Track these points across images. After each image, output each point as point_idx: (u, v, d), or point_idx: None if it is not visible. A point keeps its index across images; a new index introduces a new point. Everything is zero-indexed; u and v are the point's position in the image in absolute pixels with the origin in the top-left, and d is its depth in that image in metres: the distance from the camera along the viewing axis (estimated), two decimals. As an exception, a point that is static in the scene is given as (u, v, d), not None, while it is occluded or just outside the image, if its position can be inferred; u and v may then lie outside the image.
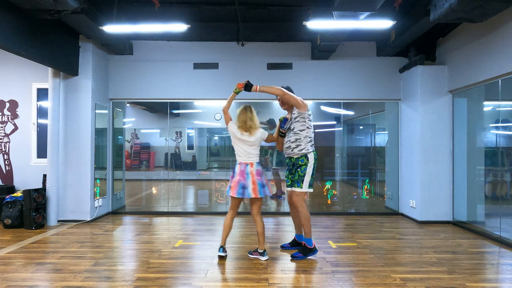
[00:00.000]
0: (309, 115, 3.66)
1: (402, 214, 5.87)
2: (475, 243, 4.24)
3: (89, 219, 5.28)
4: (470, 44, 4.76)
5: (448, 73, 5.31)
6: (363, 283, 2.98)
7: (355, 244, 4.15)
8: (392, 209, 6.04)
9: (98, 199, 5.54)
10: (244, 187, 3.47)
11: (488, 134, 4.94)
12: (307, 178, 3.55)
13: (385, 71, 5.93)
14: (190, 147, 7.62)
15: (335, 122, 6.58)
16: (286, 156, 3.75)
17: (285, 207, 6.20)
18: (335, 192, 6.26)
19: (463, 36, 4.93)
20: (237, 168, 3.55)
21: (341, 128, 6.30)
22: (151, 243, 4.19)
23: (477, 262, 3.56)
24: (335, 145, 6.66)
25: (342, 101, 6.07)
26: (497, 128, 4.65)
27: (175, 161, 7.28)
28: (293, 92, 3.71)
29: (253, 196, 3.46)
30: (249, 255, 3.64)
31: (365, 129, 7.13)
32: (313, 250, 3.60)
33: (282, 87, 3.67)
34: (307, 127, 3.60)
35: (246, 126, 3.54)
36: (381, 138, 6.80)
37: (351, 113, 6.50)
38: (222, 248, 3.59)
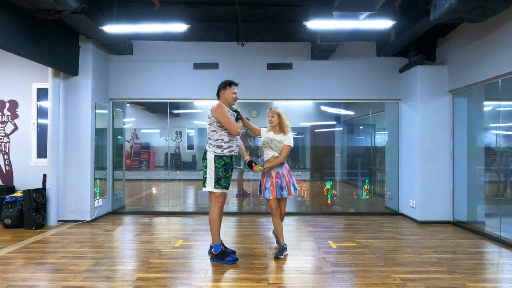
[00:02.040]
0: None
1: (402, 214, 5.87)
2: (475, 243, 4.24)
3: (89, 219, 5.28)
4: (470, 44, 4.76)
5: (448, 73, 5.31)
6: (363, 283, 2.98)
7: (355, 244, 4.15)
8: (392, 209, 6.04)
9: (98, 199, 5.54)
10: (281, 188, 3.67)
11: (488, 134, 4.94)
12: None
13: (385, 71, 5.94)
14: (190, 147, 7.62)
15: (335, 122, 6.58)
16: (233, 155, 3.56)
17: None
18: (335, 192, 6.26)
19: (463, 36, 4.93)
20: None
21: (341, 128, 6.30)
22: (151, 243, 4.19)
23: (477, 262, 3.56)
24: (335, 145, 6.67)
25: (342, 101, 6.08)
26: (497, 128, 4.65)
27: (175, 161, 7.28)
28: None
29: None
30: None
31: (365, 129, 7.13)
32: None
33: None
34: None
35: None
36: (381, 138, 6.80)
37: (351, 113, 6.50)
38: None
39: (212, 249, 3.54)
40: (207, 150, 3.50)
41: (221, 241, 3.57)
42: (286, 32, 5.81)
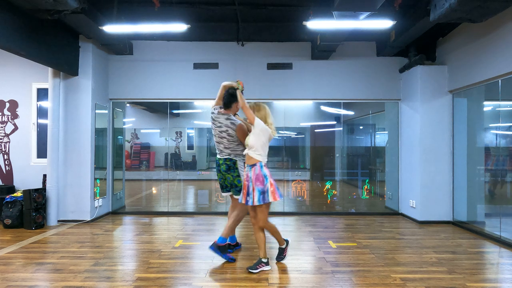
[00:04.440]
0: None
1: (402, 214, 5.87)
2: (475, 243, 4.24)
3: (89, 219, 5.28)
4: (470, 44, 4.76)
5: (448, 73, 5.31)
6: (363, 283, 2.98)
7: (355, 244, 4.15)
8: (392, 209, 6.04)
9: (98, 199, 5.54)
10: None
11: (488, 134, 4.94)
12: None
13: (385, 71, 5.93)
14: (190, 147, 7.62)
15: (335, 122, 6.58)
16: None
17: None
18: (335, 192, 6.26)
19: (463, 36, 4.93)
20: (267, 171, 3.23)
21: (341, 128, 6.30)
22: (151, 243, 4.19)
23: (477, 262, 3.56)
24: (335, 145, 6.67)
25: (342, 101, 6.07)
26: (497, 128, 4.65)
27: (175, 161, 7.28)
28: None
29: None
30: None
31: (365, 129, 7.13)
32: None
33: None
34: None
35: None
36: (381, 138, 6.80)
37: (351, 113, 6.50)
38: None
39: (216, 240, 3.49)
40: (235, 160, 3.54)
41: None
42: (286, 32, 5.81)
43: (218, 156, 3.65)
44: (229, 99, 3.52)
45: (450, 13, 3.69)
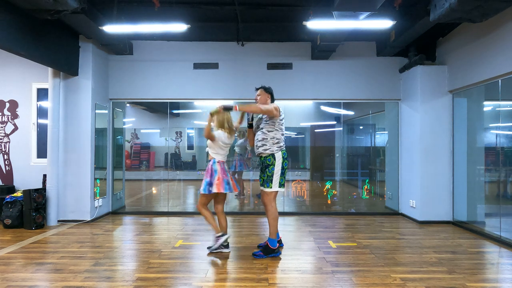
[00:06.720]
0: (281, 119, 3.69)
1: (402, 214, 5.87)
2: (475, 243, 4.24)
3: (89, 219, 5.28)
4: (470, 44, 4.76)
5: (448, 73, 5.31)
6: (363, 283, 2.98)
7: (355, 244, 4.15)
8: (392, 209, 6.04)
9: (98, 199, 5.54)
10: (228, 183, 3.76)
11: (488, 134, 4.94)
12: (276, 178, 3.62)
13: (385, 71, 5.93)
14: (190, 147, 7.62)
15: (335, 122, 6.58)
16: (256, 155, 3.84)
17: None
18: (335, 192, 6.26)
19: (463, 36, 4.93)
20: (218, 166, 3.77)
21: (341, 128, 6.30)
22: (151, 243, 4.19)
23: (477, 262, 3.56)
24: (335, 145, 6.67)
25: (342, 101, 6.07)
26: (497, 128, 4.65)
27: (175, 161, 7.28)
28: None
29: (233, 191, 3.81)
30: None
31: (365, 129, 7.13)
32: (275, 252, 3.65)
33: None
34: (276, 130, 3.66)
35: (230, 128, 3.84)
36: (381, 138, 6.80)
37: (351, 113, 6.50)
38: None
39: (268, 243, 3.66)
40: None
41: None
42: (286, 32, 5.81)
43: (285, 149, 3.72)
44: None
45: (450, 13, 3.69)
